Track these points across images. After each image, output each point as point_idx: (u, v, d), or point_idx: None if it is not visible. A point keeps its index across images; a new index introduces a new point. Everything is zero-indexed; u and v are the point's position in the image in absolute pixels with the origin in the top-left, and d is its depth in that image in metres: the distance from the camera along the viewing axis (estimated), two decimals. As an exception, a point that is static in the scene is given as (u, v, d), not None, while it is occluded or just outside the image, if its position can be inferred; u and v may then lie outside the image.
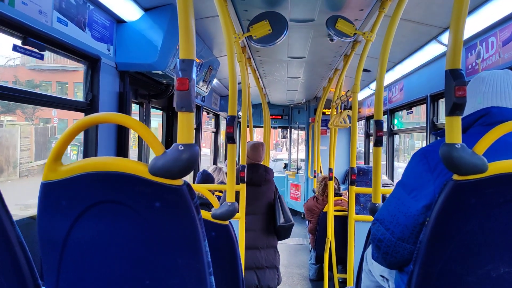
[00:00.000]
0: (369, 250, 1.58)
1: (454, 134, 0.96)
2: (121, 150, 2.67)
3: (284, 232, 3.22)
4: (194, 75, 0.95)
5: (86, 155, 2.40)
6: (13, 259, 0.91)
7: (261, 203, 3.16)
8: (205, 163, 6.78)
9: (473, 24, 2.47)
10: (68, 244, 0.96)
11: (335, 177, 4.88)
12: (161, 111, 4.07)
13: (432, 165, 1.16)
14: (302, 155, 8.86)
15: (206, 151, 7.59)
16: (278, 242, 3.36)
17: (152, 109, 3.63)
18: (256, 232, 3.09)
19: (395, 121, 5.05)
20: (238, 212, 1.88)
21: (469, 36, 2.62)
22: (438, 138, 1.11)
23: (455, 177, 0.97)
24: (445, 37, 2.84)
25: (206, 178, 3.43)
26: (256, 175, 3.12)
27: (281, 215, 3.16)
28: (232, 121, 2.01)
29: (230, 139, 2.04)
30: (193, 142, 0.96)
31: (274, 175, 3.38)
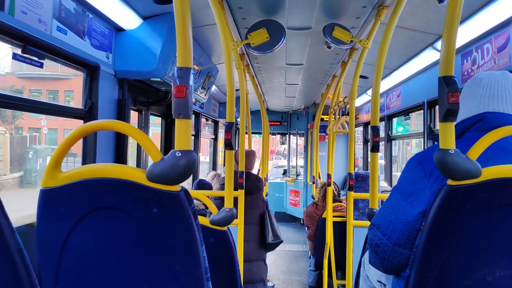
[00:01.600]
0: (367, 255, 1.58)
1: (448, 139, 0.98)
2: (120, 157, 2.68)
3: (272, 248, 3.23)
4: (191, 82, 0.97)
5: (84, 162, 2.41)
6: (11, 265, 0.91)
7: (254, 212, 3.16)
8: (203, 171, 6.78)
9: (469, 31, 2.50)
10: (66, 250, 0.97)
11: (335, 183, 4.89)
12: (157, 122, 4.08)
13: (428, 171, 1.16)
14: (301, 161, 8.87)
15: (203, 159, 7.59)
16: (277, 248, 3.37)
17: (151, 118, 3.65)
18: (250, 244, 3.06)
19: (400, 128, 5.06)
20: (236, 218, 1.89)
21: (465, 43, 2.64)
22: (435, 142, 1.12)
23: (450, 182, 0.98)
24: (440, 44, 2.86)
25: (202, 187, 3.43)
26: (249, 183, 3.11)
27: (270, 232, 3.16)
28: (230, 128, 2.03)
29: (228, 145, 2.06)
30: (191, 148, 0.97)
31: (274, 181, 3.40)
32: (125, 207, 0.94)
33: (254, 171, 3.85)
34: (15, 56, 1.74)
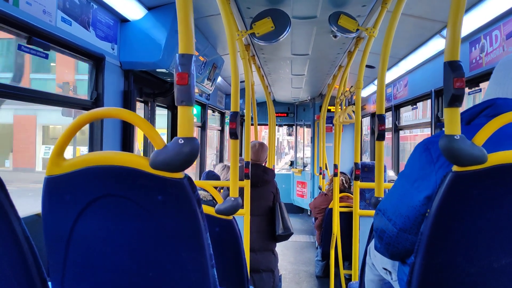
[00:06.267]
0: (372, 244, 1.58)
1: (453, 125, 0.96)
2: (126, 145, 2.70)
3: (282, 239, 3.21)
4: (193, 70, 0.96)
5: (91, 150, 2.43)
6: (19, 253, 0.92)
7: (258, 204, 3.11)
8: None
9: (476, 18, 2.46)
10: (72, 238, 0.98)
11: (346, 174, 4.90)
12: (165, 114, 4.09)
13: (435, 157, 1.15)
14: (308, 153, 8.87)
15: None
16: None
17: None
18: (254, 235, 3.03)
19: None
20: (242, 208, 1.90)
21: (473, 30, 2.60)
22: (443, 129, 1.11)
23: (455, 168, 0.97)
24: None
25: (210, 178, 3.44)
26: (254, 176, 3.09)
27: (280, 224, 3.14)
28: (235, 117, 2.03)
29: (233, 134, 2.06)
30: (194, 136, 0.97)
31: (283, 172, 3.36)
32: (130, 195, 0.95)
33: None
34: (20, 47, 1.74)
